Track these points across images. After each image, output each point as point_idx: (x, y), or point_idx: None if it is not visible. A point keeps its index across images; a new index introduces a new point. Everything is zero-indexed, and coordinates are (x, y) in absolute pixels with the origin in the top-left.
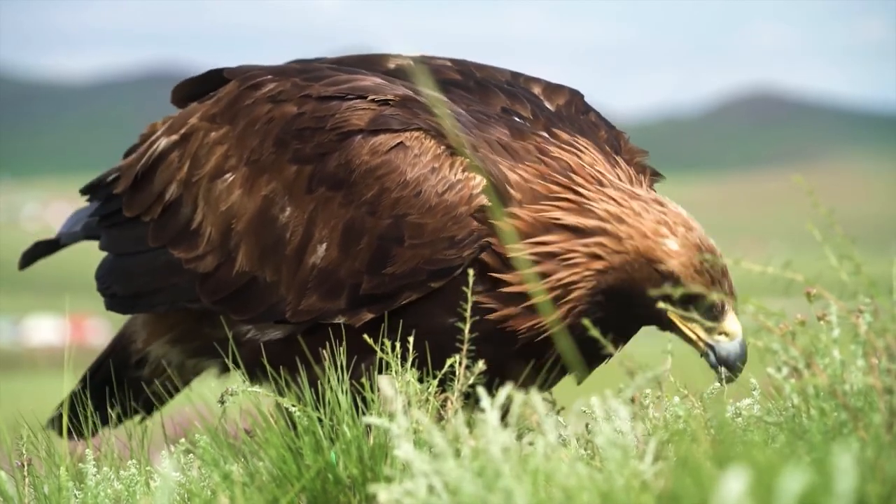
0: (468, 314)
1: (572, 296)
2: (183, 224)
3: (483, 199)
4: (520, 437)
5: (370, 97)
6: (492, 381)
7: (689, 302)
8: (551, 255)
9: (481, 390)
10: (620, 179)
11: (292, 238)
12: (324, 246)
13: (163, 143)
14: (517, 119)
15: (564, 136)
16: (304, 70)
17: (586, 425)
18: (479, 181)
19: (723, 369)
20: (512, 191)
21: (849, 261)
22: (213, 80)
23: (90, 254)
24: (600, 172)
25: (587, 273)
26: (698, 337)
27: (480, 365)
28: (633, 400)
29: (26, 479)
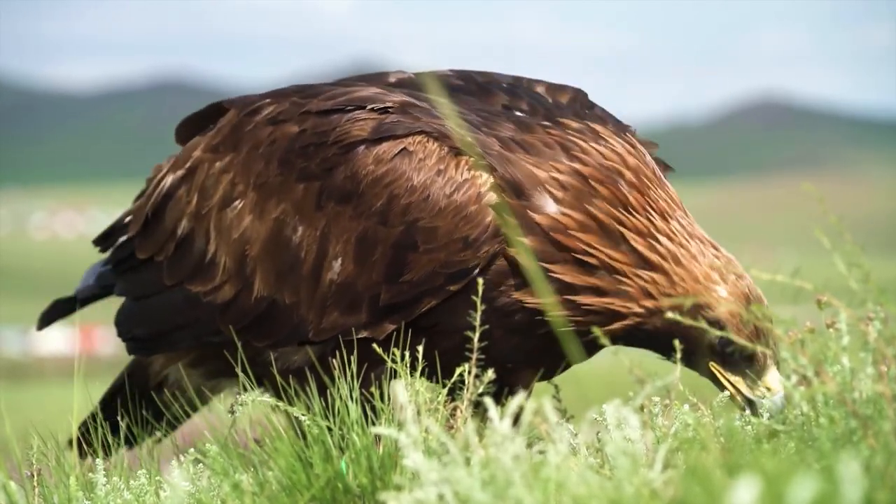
0: (478, 323)
1: (615, 326)
2: (197, 258)
3: (493, 197)
4: (530, 445)
5: (369, 107)
6: (513, 375)
7: (729, 349)
8: (610, 269)
9: (489, 400)
10: (671, 198)
11: (307, 257)
12: (339, 261)
13: (169, 180)
14: (518, 114)
15: (574, 123)
16: (300, 89)
17: (597, 434)
18: (485, 179)
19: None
20: (550, 189)
21: (858, 268)
22: (213, 113)
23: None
24: (649, 180)
25: (638, 310)
26: (738, 391)
27: (490, 374)
28: (642, 408)
29: (36, 490)
